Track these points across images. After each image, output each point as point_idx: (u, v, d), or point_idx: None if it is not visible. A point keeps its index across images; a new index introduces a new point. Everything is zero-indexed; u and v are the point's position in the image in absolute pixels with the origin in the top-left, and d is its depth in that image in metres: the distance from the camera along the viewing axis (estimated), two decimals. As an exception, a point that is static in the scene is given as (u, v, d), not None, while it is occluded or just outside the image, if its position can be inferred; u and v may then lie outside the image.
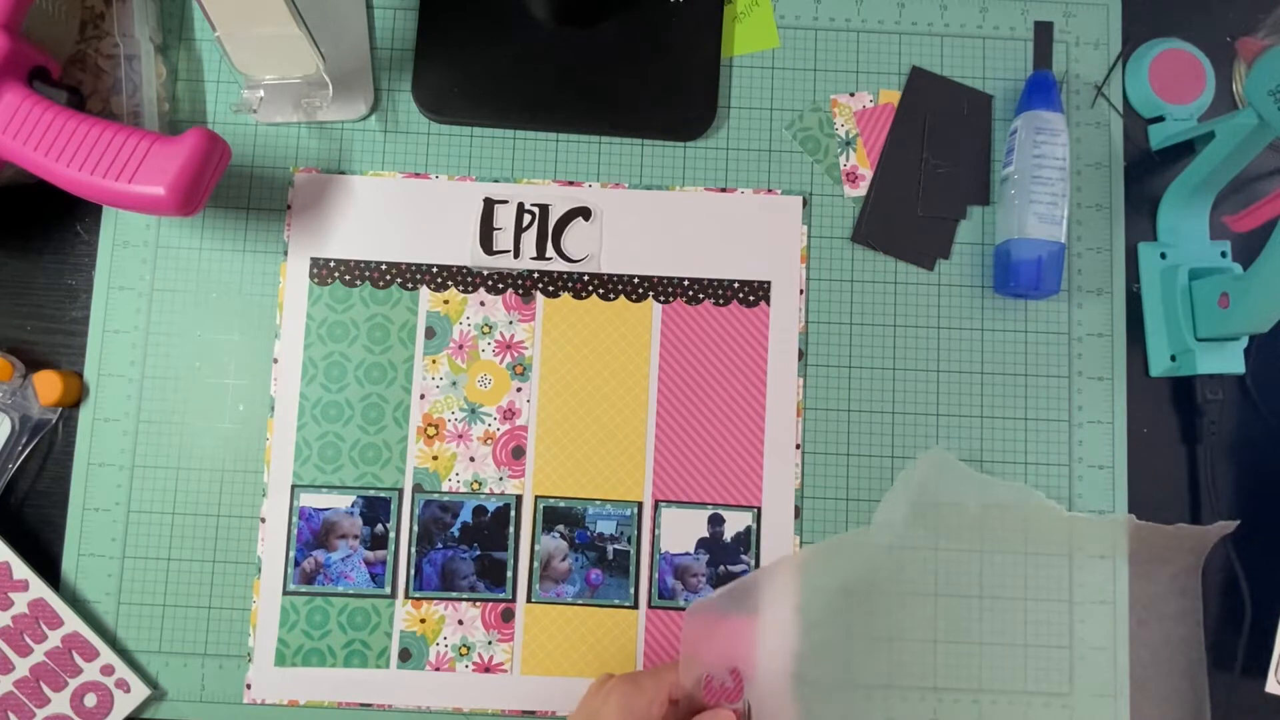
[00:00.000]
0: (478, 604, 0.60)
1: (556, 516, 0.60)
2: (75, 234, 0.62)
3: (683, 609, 0.60)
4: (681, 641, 0.55)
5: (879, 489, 0.61)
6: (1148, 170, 0.65)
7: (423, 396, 0.61)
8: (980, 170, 0.64)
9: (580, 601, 0.60)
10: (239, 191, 0.63)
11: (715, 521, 0.61)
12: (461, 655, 0.59)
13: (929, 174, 0.64)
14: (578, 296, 0.62)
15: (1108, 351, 0.63)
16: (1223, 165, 0.59)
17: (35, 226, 0.62)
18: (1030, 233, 0.60)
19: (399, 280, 0.62)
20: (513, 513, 0.60)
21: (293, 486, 0.60)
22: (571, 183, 0.63)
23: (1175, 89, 0.64)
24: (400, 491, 0.60)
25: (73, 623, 0.58)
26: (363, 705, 0.59)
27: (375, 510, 0.60)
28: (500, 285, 0.62)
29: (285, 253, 0.62)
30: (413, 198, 0.63)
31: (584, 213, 0.63)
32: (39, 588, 0.58)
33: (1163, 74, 0.64)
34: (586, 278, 0.62)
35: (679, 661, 0.53)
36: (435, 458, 0.61)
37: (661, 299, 0.62)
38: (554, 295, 0.62)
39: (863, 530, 0.60)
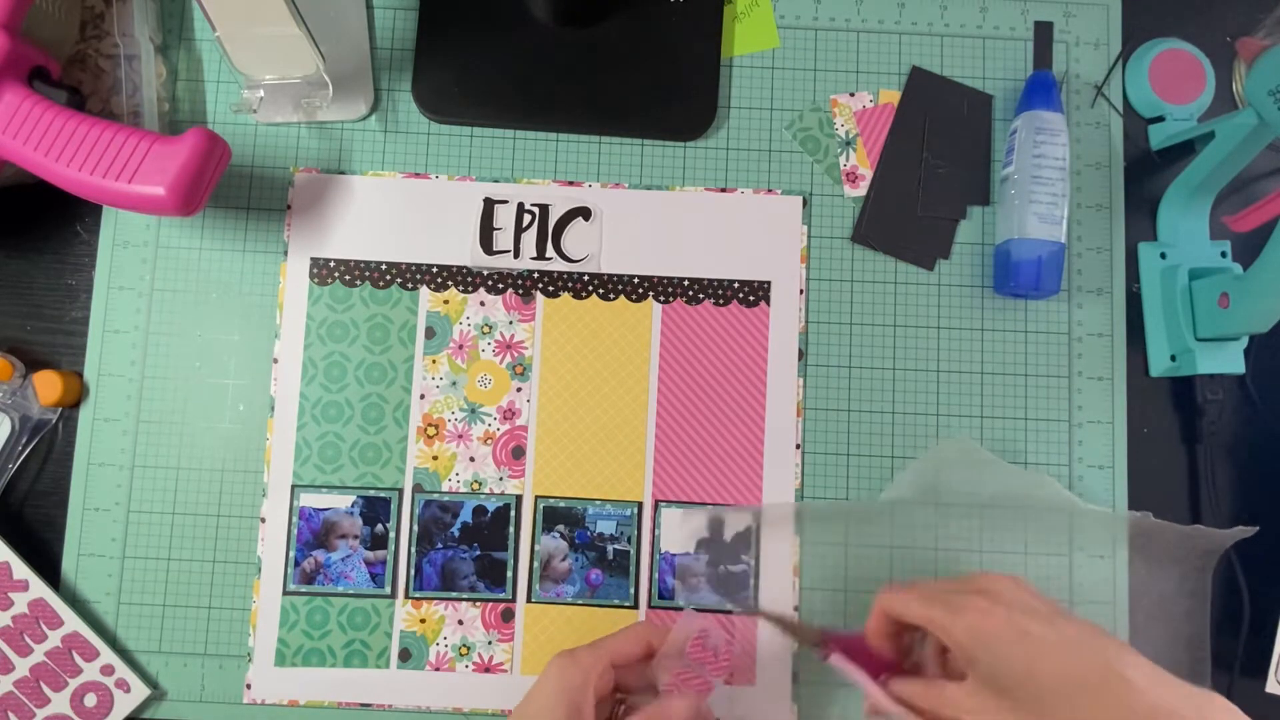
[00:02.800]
0: (478, 604, 0.60)
1: (556, 516, 0.60)
2: (75, 234, 0.62)
3: (683, 609, 0.60)
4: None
5: (879, 489, 0.61)
6: (1148, 170, 0.65)
7: (423, 396, 0.61)
8: (980, 170, 0.64)
9: (580, 601, 0.60)
10: (239, 191, 0.63)
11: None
12: (461, 655, 0.59)
13: (929, 174, 0.64)
14: (578, 296, 0.62)
15: (1108, 351, 0.63)
16: (1223, 165, 0.59)
17: (35, 226, 0.62)
18: (1030, 233, 0.60)
19: (399, 280, 0.62)
20: (513, 513, 0.60)
21: (293, 486, 0.60)
22: (571, 183, 0.63)
23: (1175, 89, 0.64)
24: (400, 491, 0.60)
25: (73, 623, 0.58)
26: (363, 705, 0.59)
27: (375, 510, 0.60)
28: (500, 285, 0.62)
29: (285, 253, 0.62)
30: (413, 198, 0.63)
31: (584, 213, 0.63)
32: (39, 588, 0.58)
33: (1163, 74, 0.64)
34: (586, 278, 0.62)
35: (624, 630, 0.51)
36: (435, 458, 0.61)
37: (661, 299, 0.62)
38: (554, 295, 0.62)
39: (865, 503, 0.61)
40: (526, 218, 0.63)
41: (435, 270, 0.62)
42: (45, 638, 0.58)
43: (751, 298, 0.62)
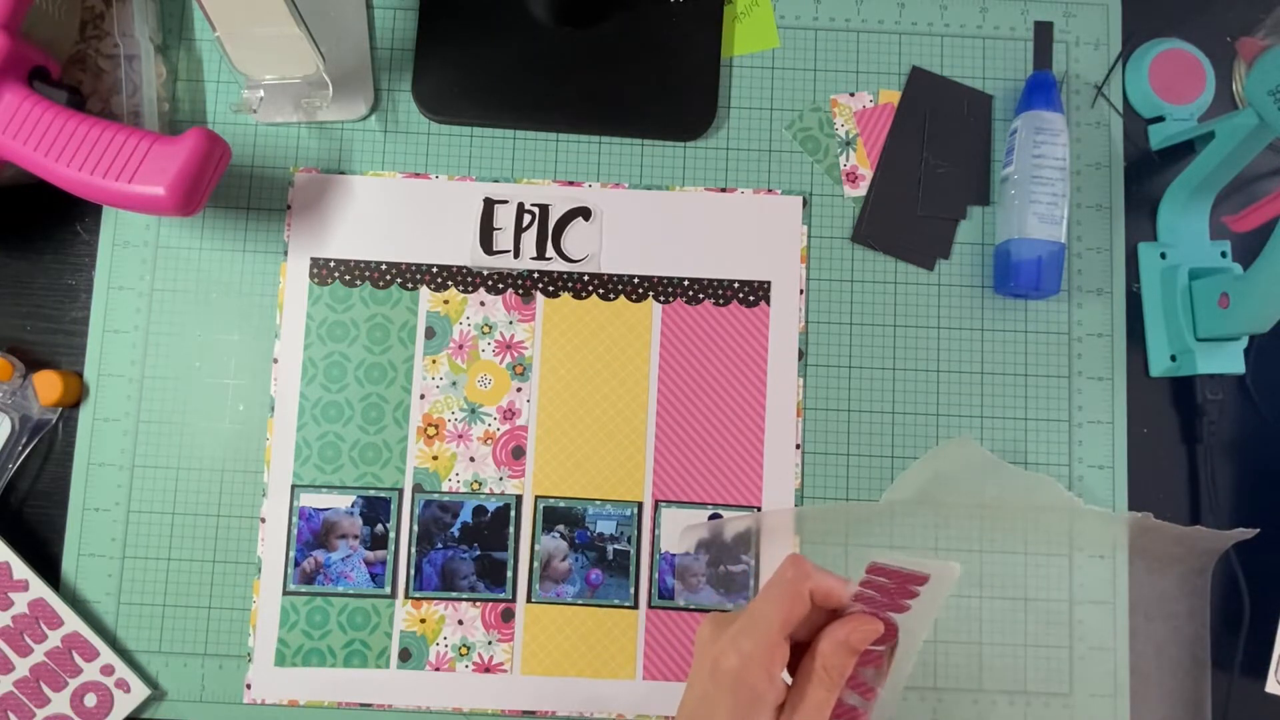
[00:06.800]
0: (478, 604, 0.60)
1: (556, 516, 0.60)
2: (75, 234, 0.62)
3: (683, 609, 0.60)
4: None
5: (879, 489, 0.61)
6: (1148, 170, 0.65)
7: (423, 396, 0.61)
8: (980, 170, 0.64)
9: (580, 601, 0.60)
10: (239, 191, 0.63)
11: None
12: (461, 655, 0.59)
13: (929, 174, 0.64)
14: (578, 296, 0.62)
15: (1108, 351, 0.63)
16: (1223, 165, 0.59)
17: (35, 226, 0.62)
18: (1030, 233, 0.60)
19: (399, 280, 0.62)
20: (513, 513, 0.60)
21: (293, 486, 0.60)
22: (571, 183, 0.63)
23: (1175, 89, 0.64)
24: (400, 491, 0.60)
25: (73, 623, 0.58)
26: (363, 705, 0.59)
27: (375, 510, 0.60)
28: (500, 285, 0.62)
29: (285, 253, 0.62)
30: (413, 198, 0.63)
31: (584, 213, 0.63)
32: (39, 588, 0.58)
33: (1163, 74, 0.64)
34: (586, 278, 0.62)
35: (769, 594, 0.41)
36: (435, 458, 0.61)
37: (661, 299, 0.62)
38: (554, 295, 0.62)
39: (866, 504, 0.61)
40: (526, 218, 0.63)
41: (435, 270, 0.62)
42: (45, 638, 0.58)
43: (751, 298, 0.62)
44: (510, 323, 0.62)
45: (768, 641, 0.40)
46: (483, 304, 0.62)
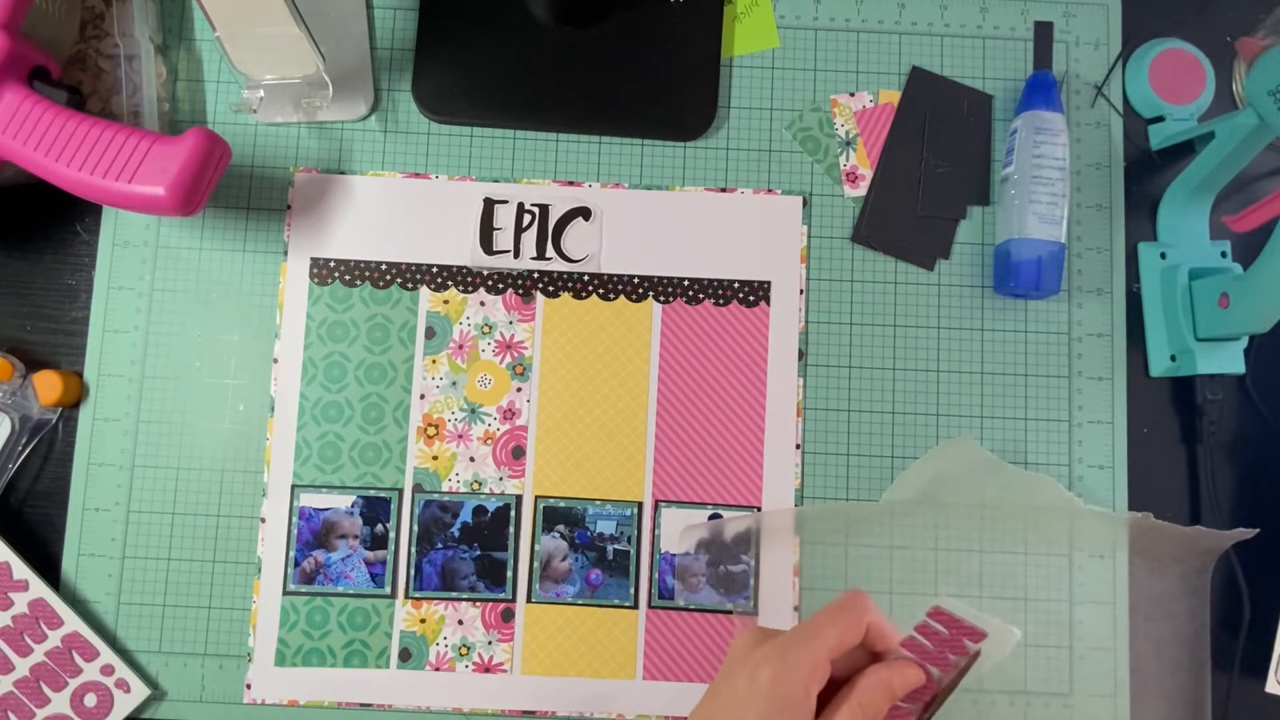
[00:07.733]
0: (478, 604, 0.60)
1: (556, 516, 0.60)
2: (75, 234, 0.62)
3: (683, 609, 0.60)
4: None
5: (879, 489, 0.61)
6: (1148, 170, 0.65)
7: (423, 396, 0.61)
8: (980, 170, 0.64)
9: (580, 601, 0.60)
10: (239, 191, 0.63)
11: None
12: (461, 655, 0.59)
13: (929, 174, 0.64)
14: (578, 296, 0.62)
15: (1108, 351, 0.63)
16: (1223, 165, 0.59)
17: (35, 226, 0.62)
18: (1030, 233, 0.60)
19: (399, 280, 0.62)
20: (513, 513, 0.60)
21: (293, 486, 0.60)
22: (571, 183, 0.63)
23: (1175, 89, 0.64)
24: (400, 491, 0.60)
25: (73, 623, 0.58)
26: (363, 705, 0.59)
27: (375, 510, 0.60)
28: (500, 285, 0.62)
29: (285, 253, 0.62)
30: (413, 198, 0.63)
31: (584, 213, 0.63)
32: (39, 588, 0.58)
33: (1163, 74, 0.64)
34: (586, 278, 0.62)
35: (839, 613, 0.42)
36: (435, 458, 0.61)
37: (661, 299, 0.62)
38: (554, 295, 0.62)
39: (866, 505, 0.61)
40: (526, 218, 0.63)
41: (435, 270, 0.62)
42: (45, 638, 0.58)
43: (751, 298, 0.62)
44: (510, 323, 0.62)
45: (814, 657, 0.41)
46: (483, 304, 0.62)
